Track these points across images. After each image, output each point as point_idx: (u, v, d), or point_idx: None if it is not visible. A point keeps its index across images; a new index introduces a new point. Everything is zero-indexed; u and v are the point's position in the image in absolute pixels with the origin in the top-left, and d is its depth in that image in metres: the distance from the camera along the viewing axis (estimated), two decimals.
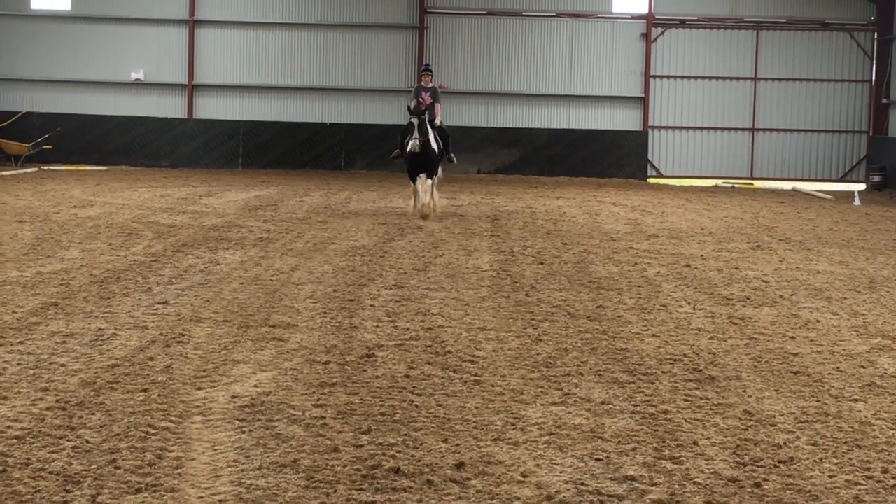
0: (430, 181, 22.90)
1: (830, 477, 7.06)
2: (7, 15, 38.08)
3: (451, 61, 38.06)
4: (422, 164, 22.50)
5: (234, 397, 8.55)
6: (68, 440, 7.35)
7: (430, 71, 24.39)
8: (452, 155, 23.84)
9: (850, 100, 38.50)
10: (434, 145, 22.57)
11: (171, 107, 38.58)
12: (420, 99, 23.01)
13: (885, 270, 16.85)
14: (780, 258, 18.03)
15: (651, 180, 38.21)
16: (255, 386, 8.91)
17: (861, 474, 7.14)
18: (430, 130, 22.50)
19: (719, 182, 38.01)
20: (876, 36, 37.96)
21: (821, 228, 23.23)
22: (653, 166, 38.68)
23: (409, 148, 22.28)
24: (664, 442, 7.70)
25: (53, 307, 11.97)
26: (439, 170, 23.56)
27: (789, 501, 6.59)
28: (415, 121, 22.10)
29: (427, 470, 6.96)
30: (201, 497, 6.39)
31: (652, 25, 38.28)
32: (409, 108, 22.75)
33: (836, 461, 7.38)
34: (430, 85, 23.68)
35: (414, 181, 22.90)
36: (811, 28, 38.22)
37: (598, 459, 7.29)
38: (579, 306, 12.99)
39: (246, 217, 22.32)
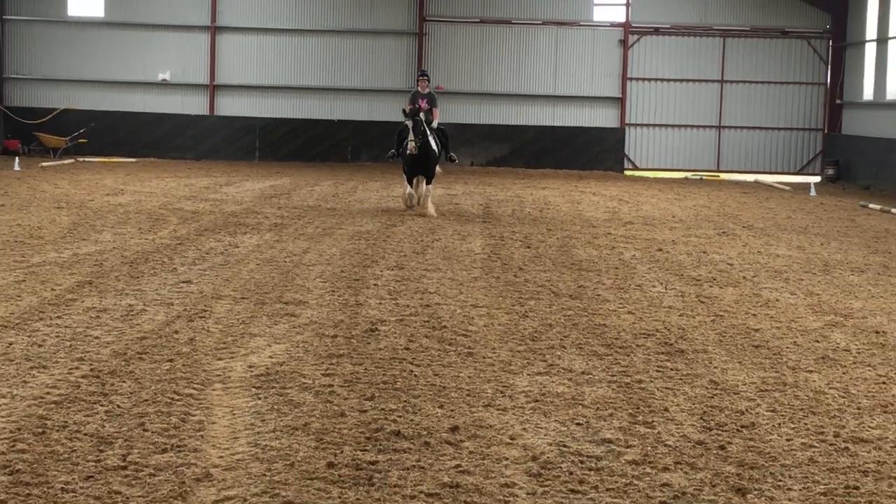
0: (427, 186, 20.87)
1: (788, 440, 7.09)
2: (46, 21, 37.96)
3: (448, 64, 37.97)
4: (420, 165, 20.60)
5: (250, 367, 8.56)
6: (101, 405, 7.36)
7: (427, 76, 22.11)
8: (453, 154, 21.92)
9: (807, 101, 38.47)
10: (434, 146, 20.61)
11: (194, 105, 38.49)
12: (417, 105, 21.04)
13: (838, 255, 16.87)
14: (744, 243, 18.04)
15: (627, 173, 38.17)
16: (270, 357, 8.92)
17: (815, 438, 7.16)
18: (427, 131, 20.47)
19: (689, 174, 37.98)
20: (831, 43, 37.94)
21: (780, 216, 23.24)
22: (629, 160, 38.65)
23: (406, 150, 20.29)
24: (638, 408, 7.72)
25: (88, 285, 11.98)
26: (437, 168, 21.72)
27: (751, 462, 6.61)
28: (409, 123, 20.14)
29: (425, 433, 6.97)
30: (221, 457, 6.40)
31: (629, 32, 38.19)
32: (404, 110, 20.73)
33: (792, 426, 7.40)
34: (427, 90, 21.51)
35: (410, 182, 20.91)
36: (772, 36, 38.17)
37: (578, 424, 7.30)
38: (562, 286, 13.00)
39: (262, 205, 22.30)
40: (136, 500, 5.66)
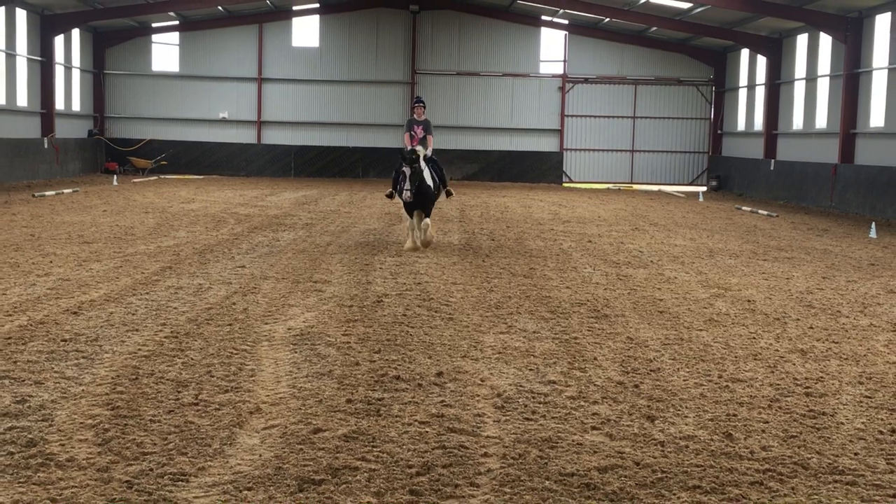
0: (426, 220, 15.14)
1: (684, 380, 7.11)
2: (136, 74, 37.71)
3: (432, 105, 37.79)
4: (418, 204, 15.01)
5: (289, 329, 8.53)
6: (179, 358, 7.32)
7: (423, 104, 16.11)
8: (450, 189, 16.36)
9: (697, 131, 38.61)
10: (430, 182, 15.18)
11: (246, 136, 38.31)
12: (413, 132, 15.75)
13: (720, 244, 16.93)
14: (651, 236, 18.08)
15: (565, 185, 38.20)
16: (304, 321, 8.89)
17: (704, 378, 7.18)
18: (424, 168, 15.03)
19: (610, 185, 38.06)
20: (713, 89, 38.06)
21: (677, 216, 23.30)
22: (566, 175, 38.68)
23: (403, 198, 14.68)
24: (574, 358, 7.72)
25: (169, 269, 11.91)
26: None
27: (657, 397, 6.62)
28: (406, 171, 14.56)
29: (418, 377, 6.96)
30: (268, 395, 6.37)
31: (566, 82, 38.20)
32: (402, 154, 14.92)
33: (688, 370, 7.43)
34: (423, 118, 15.97)
35: (410, 215, 15.24)
36: (671, 83, 38.26)
37: (530, 370, 7.30)
38: (518, 268, 13.00)
39: (296, 209, 22.22)
40: (206, 428, 5.63)
